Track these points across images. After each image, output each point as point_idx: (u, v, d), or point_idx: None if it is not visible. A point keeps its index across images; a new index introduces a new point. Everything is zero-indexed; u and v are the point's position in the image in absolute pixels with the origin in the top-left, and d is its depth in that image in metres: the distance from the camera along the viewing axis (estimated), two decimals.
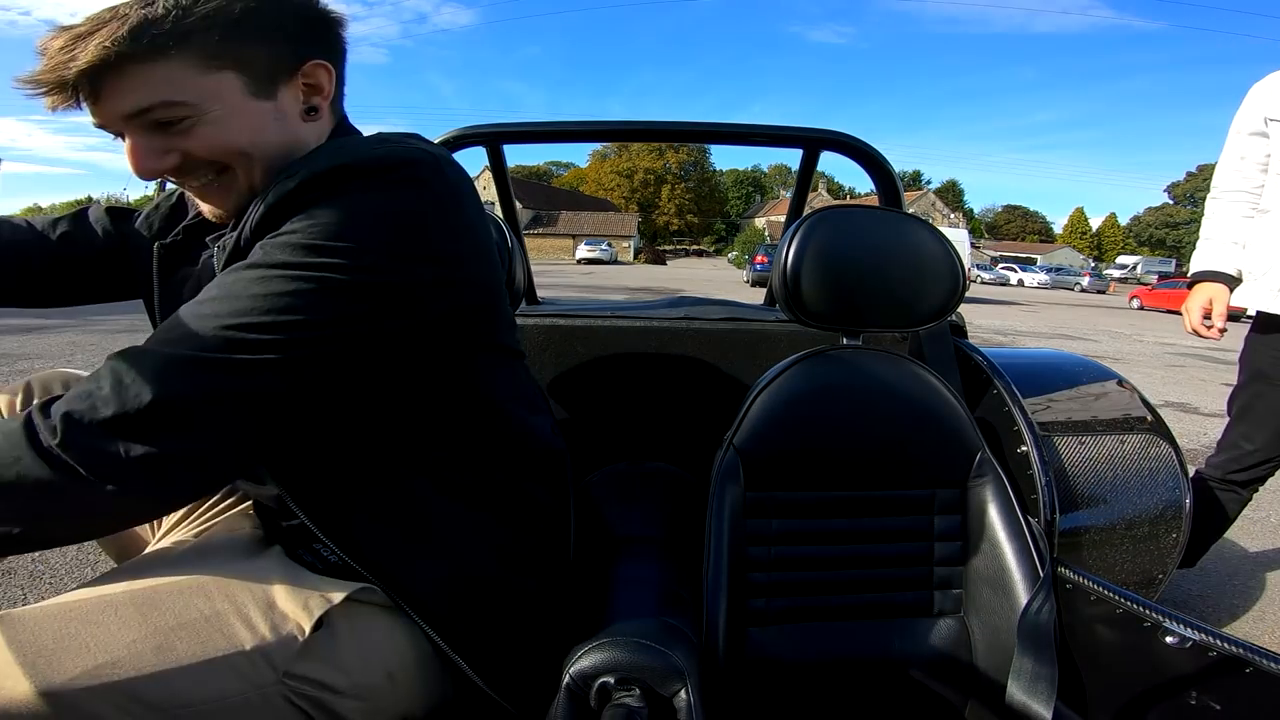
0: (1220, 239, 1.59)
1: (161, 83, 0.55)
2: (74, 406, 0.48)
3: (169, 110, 0.56)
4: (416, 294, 0.56)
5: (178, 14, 0.55)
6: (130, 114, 0.56)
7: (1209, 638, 0.70)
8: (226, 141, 0.59)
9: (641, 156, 55.67)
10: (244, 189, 0.62)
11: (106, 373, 0.50)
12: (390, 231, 0.55)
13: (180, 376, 0.49)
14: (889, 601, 0.89)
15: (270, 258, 0.53)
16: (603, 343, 1.33)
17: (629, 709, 0.56)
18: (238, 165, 0.60)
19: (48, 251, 0.78)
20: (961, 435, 0.91)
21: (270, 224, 0.55)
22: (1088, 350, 7.74)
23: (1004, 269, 34.29)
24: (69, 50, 0.53)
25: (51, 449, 0.47)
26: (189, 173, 0.60)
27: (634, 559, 0.89)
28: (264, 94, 0.60)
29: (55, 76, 0.53)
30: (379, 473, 0.62)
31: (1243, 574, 2.09)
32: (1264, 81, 1.53)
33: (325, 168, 0.54)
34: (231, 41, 0.57)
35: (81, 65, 0.53)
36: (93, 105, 0.56)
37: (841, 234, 0.93)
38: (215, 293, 0.53)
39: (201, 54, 0.56)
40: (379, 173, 0.55)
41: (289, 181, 0.54)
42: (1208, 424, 4.15)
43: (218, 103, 0.58)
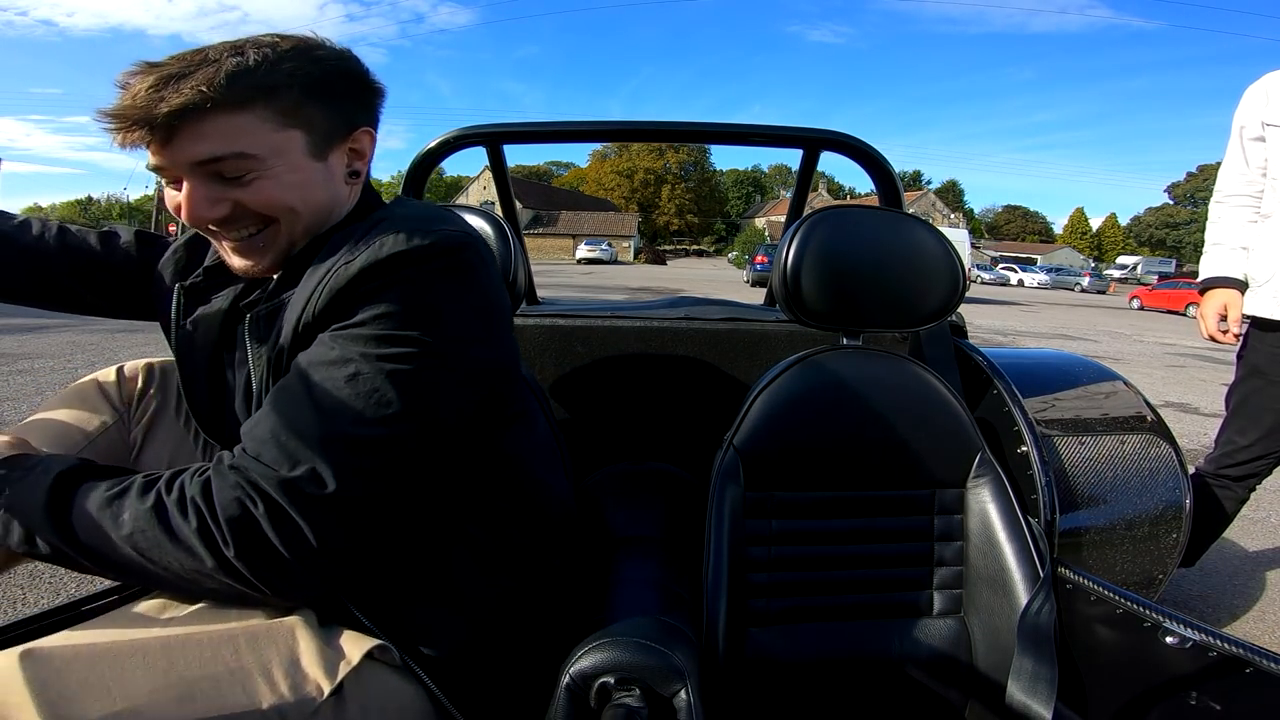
0: (1228, 244, 1.59)
1: (239, 134, 0.57)
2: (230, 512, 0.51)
3: (238, 162, 0.58)
4: (476, 372, 0.61)
5: (266, 67, 0.57)
6: (201, 161, 0.57)
7: (1209, 638, 0.70)
8: (281, 198, 0.61)
9: (641, 156, 55.67)
10: (282, 246, 0.64)
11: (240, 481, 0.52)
12: (451, 318, 0.58)
13: (303, 492, 0.52)
14: (889, 601, 0.89)
15: (349, 350, 0.55)
16: (603, 343, 1.33)
17: (629, 709, 0.56)
18: (284, 221, 0.62)
19: (71, 259, 0.79)
20: (961, 435, 0.91)
21: (336, 311, 0.56)
22: (1088, 350, 7.74)
23: (1004, 269, 34.26)
24: (158, 90, 0.54)
25: (224, 560, 0.51)
26: (233, 224, 0.61)
27: (634, 559, 0.89)
28: (319, 155, 0.63)
29: (142, 114, 0.54)
30: (411, 539, 0.63)
31: (1243, 574, 2.09)
32: (1258, 84, 1.54)
33: (386, 256, 0.56)
34: (305, 101, 0.60)
35: (173, 106, 0.54)
36: (161, 147, 0.57)
37: (841, 234, 0.93)
38: (306, 394, 0.54)
39: (279, 110, 0.59)
40: (433, 259, 0.58)
41: (349, 267, 0.56)
42: (1208, 424, 4.14)
43: (281, 159, 0.60)
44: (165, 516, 0.51)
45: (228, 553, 0.50)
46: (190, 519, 0.51)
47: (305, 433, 0.53)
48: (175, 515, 0.51)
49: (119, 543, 0.52)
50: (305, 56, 0.61)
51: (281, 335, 0.60)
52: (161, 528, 0.51)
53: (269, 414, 0.55)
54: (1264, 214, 1.54)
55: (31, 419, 0.76)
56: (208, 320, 0.71)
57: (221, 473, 0.53)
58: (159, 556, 0.51)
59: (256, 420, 0.55)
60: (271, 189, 0.60)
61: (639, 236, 44.09)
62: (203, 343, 0.70)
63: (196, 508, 0.51)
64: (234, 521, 0.51)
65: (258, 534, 0.51)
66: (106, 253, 0.80)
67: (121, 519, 0.52)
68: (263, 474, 0.52)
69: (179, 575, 0.52)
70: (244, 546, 0.51)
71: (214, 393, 0.71)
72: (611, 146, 55.29)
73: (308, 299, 0.58)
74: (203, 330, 0.71)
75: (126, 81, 0.56)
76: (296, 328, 0.58)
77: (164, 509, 0.51)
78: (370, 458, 0.54)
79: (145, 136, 0.56)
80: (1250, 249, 1.56)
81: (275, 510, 0.51)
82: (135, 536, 0.51)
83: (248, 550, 0.51)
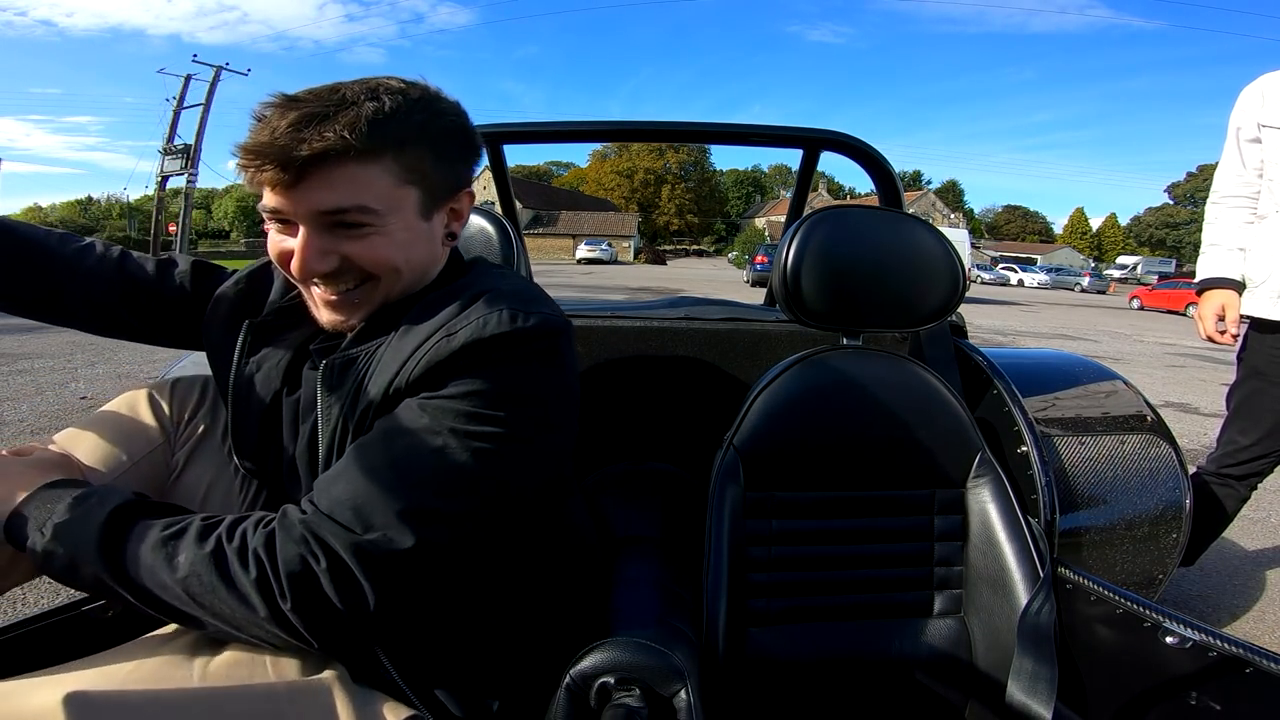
0: (1225, 245, 1.60)
1: (366, 186, 0.57)
2: (291, 567, 0.51)
3: (360, 215, 0.57)
4: (553, 455, 0.62)
5: (400, 117, 0.57)
6: (326, 210, 0.57)
7: (1209, 638, 0.70)
8: (389, 255, 0.60)
9: (641, 156, 55.66)
10: (376, 304, 0.63)
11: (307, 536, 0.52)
12: (541, 402, 0.59)
13: (372, 556, 0.52)
14: (889, 601, 0.89)
15: (439, 423, 0.55)
16: (603, 343, 1.33)
17: (629, 709, 0.56)
18: (385, 280, 0.62)
19: (126, 288, 0.77)
20: (961, 435, 0.91)
21: (431, 381, 0.56)
22: (1088, 350, 7.74)
23: (1004, 269, 34.24)
24: (299, 130, 0.53)
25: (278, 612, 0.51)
26: (336, 278, 0.61)
27: (634, 559, 0.89)
28: (427, 215, 0.63)
29: (280, 154, 0.54)
30: (454, 609, 0.63)
31: (1243, 574, 2.09)
32: (1254, 86, 1.54)
33: (489, 335, 0.56)
34: (428, 159, 0.60)
35: (314, 150, 0.53)
36: (288, 190, 0.56)
37: (841, 234, 0.93)
38: (389, 460, 0.54)
39: (403, 165, 0.59)
40: (532, 342, 0.58)
41: (450, 341, 0.56)
42: (1208, 424, 4.14)
43: (396, 217, 0.60)
44: (224, 564, 0.51)
45: (283, 605, 0.50)
46: (250, 569, 0.51)
47: (383, 498, 0.53)
48: (235, 564, 0.51)
49: (171, 584, 0.51)
50: (432, 109, 0.61)
51: (364, 393, 0.59)
52: (219, 574, 0.51)
53: (348, 474, 0.54)
54: (1260, 215, 1.55)
55: (82, 427, 0.74)
56: (273, 361, 0.70)
57: (288, 527, 0.53)
58: (211, 602, 0.51)
59: (333, 478, 0.55)
60: (383, 246, 0.60)
61: (639, 236, 44.09)
62: (264, 383, 0.70)
63: (258, 559, 0.51)
64: (294, 576, 0.51)
65: (317, 591, 0.51)
66: (162, 283, 0.79)
67: (177, 561, 0.52)
68: (335, 533, 0.52)
69: (226, 620, 0.52)
70: (301, 601, 0.51)
71: (266, 433, 0.70)
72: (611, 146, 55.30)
73: (402, 364, 0.57)
74: (266, 370, 0.70)
75: (264, 114, 0.56)
76: (387, 390, 0.57)
77: (224, 556, 0.51)
78: (444, 529, 0.54)
79: (276, 177, 0.55)
80: (1247, 249, 1.56)
81: (340, 570, 0.51)
82: (190, 580, 0.51)
83: (304, 605, 0.51)
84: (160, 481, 0.75)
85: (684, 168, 57.22)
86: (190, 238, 23.80)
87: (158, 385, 0.79)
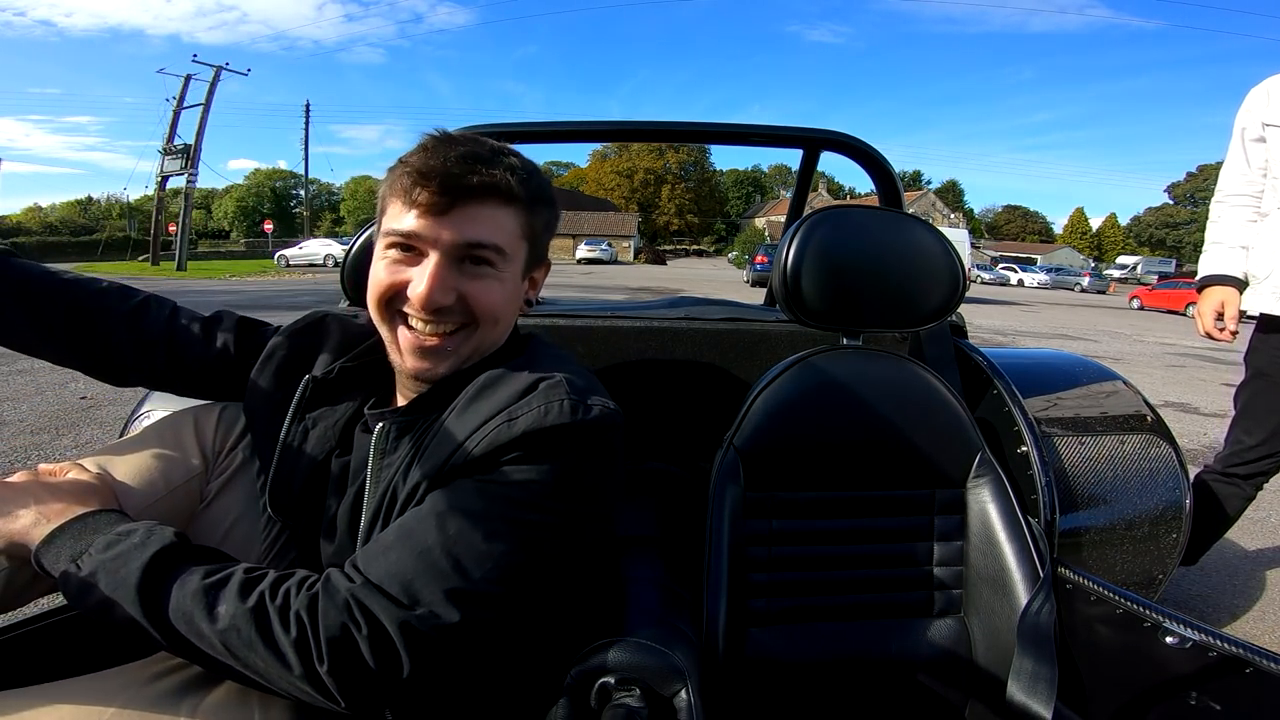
0: (1228, 243, 1.61)
1: (502, 229, 0.62)
2: (332, 632, 0.51)
3: (491, 254, 0.62)
4: (597, 542, 0.65)
5: (536, 176, 0.64)
6: (468, 243, 0.60)
7: (1209, 638, 0.70)
8: (499, 302, 0.64)
9: (641, 156, 55.64)
10: (465, 355, 0.65)
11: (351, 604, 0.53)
12: (593, 495, 0.61)
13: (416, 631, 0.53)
14: (889, 601, 0.89)
15: (494, 509, 0.56)
16: (603, 343, 1.33)
17: (629, 709, 0.56)
18: (484, 327, 0.64)
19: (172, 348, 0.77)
20: (961, 435, 0.91)
21: (488, 463, 0.57)
22: (1088, 350, 7.74)
23: (1004, 269, 34.22)
24: (469, 163, 0.59)
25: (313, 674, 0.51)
26: (443, 317, 0.63)
27: (634, 559, 0.89)
28: (525, 274, 0.68)
29: (453, 180, 0.59)
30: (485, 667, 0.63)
31: (1243, 574, 2.09)
32: (1261, 86, 1.55)
33: (550, 425, 0.57)
34: (539, 223, 0.66)
35: (484, 180, 0.59)
36: (436, 216, 0.60)
37: (841, 234, 0.93)
38: (442, 539, 0.55)
39: (526, 222, 0.64)
40: (591, 437, 0.60)
41: (511, 426, 0.57)
42: (1208, 424, 4.15)
43: (512, 266, 0.64)
44: (266, 621, 0.52)
45: (319, 668, 0.51)
46: (290, 629, 0.51)
47: (433, 576, 0.54)
48: (276, 622, 0.52)
49: (209, 633, 0.52)
50: (545, 182, 0.66)
51: (418, 463, 0.60)
52: (258, 631, 0.51)
53: (400, 548, 0.55)
54: (1263, 212, 1.56)
55: (123, 447, 0.74)
56: (330, 421, 0.71)
57: (332, 592, 0.53)
58: (246, 655, 0.52)
59: (383, 549, 0.56)
60: (497, 291, 0.63)
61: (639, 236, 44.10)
62: (318, 440, 0.71)
63: (299, 620, 0.52)
64: (334, 641, 0.51)
65: (355, 657, 0.52)
66: (208, 343, 0.78)
67: (217, 611, 0.52)
68: (382, 605, 0.52)
69: (257, 673, 0.52)
70: (338, 666, 0.51)
71: (310, 490, 0.70)
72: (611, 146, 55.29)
73: (461, 443, 0.58)
74: (322, 428, 0.71)
75: (430, 144, 0.61)
76: (442, 466, 0.58)
77: (265, 614, 0.52)
78: (489, 611, 0.55)
79: (432, 201, 0.59)
80: (1250, 247, 1.57)
81: (381, 640, 0.52)
82: (229, 633, 0.51)
83: (341, 670, 0.51)
84: (191, 508, 0.75)
85: (684, 168, 57.22)
86: (190, 237, 23.80)
87: (203, 410, 0.79)
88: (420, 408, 0.65)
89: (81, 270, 2.67)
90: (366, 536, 0.61)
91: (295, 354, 0.76)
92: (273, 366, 0.75)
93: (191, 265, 21.67)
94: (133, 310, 0.76)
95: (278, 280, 16.73)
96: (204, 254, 33.50)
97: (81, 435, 3.12)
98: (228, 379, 0.78)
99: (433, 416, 0.63)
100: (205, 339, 0.78)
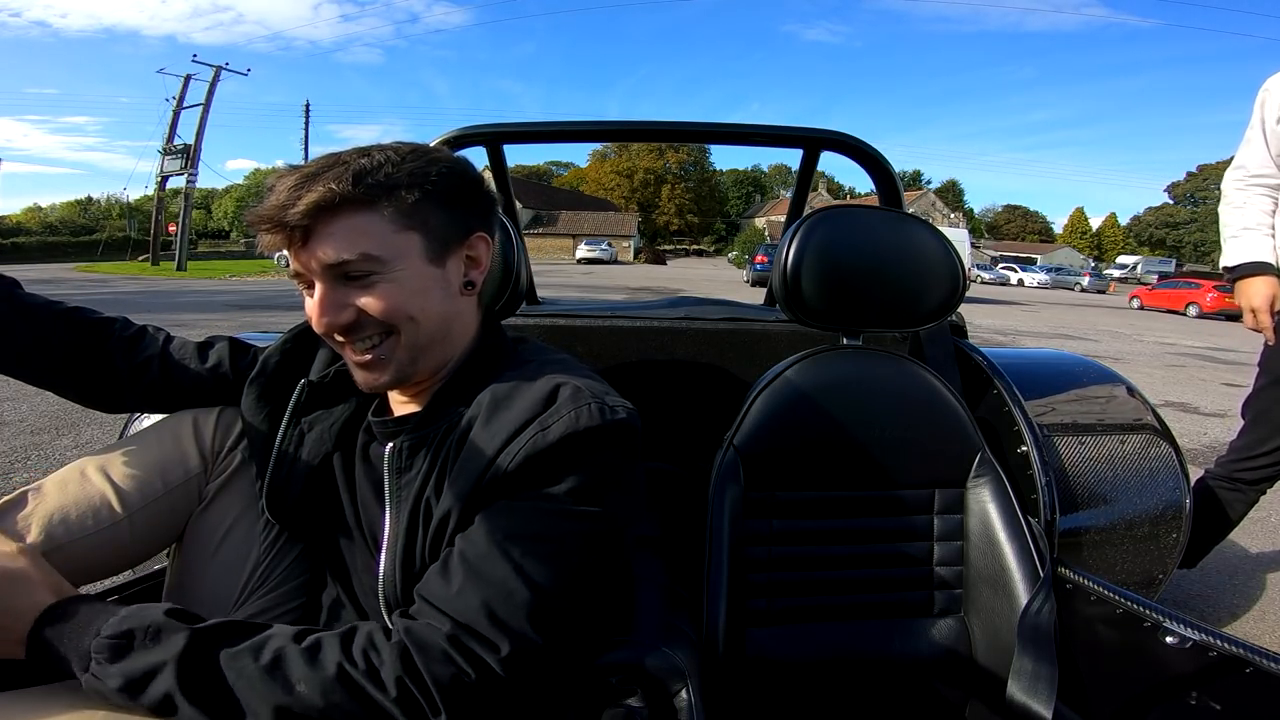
0: (1260, 228, 1.53)
1: (364, 234, 0.60)
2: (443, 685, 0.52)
3: (365, 264, 0.60)
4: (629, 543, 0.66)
5: (389, 168, 0.60)
6: (333, 264, 0.59)
7: (1209, 638, 0.70)
8: (401, 303, 0.62)
9: (641, 156, 55.61)
10: (403, 360, 0.64)
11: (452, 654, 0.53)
12: (629, 491, 0.62)
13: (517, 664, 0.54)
14: (889, 601, 0.89)
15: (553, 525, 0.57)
16: (603, 343, 1.33)
17: (629, 709, 0.56)
18: (404, 330, 0.63)
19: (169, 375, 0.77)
20: (961, 435, 0.91)
21: (529, 476, 0.57)
22: (1088, 350, 7.74)
23: (1004, 269, 34.19)
24: (297, 190, 0.57)
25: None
26: (357, 331, 0.62)
27: (634, 559, 0.89)
28: (437, 261, 0.64)
29: (281, 214, 0.58)
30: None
31: (1243, 574, 2.09)
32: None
33: (584, 429, 0.58)
34: (423, 203, 0.62)
35: (306, 204, 0.57)
36: (300, 250, 0.60)
37: (841, 234, 0.93)
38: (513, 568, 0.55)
39: (399, 211, 0.61)
40: (619, 435, 0.60)
41: (545, 435, 0.57)
42: (1208, 424, 4.15)
43: (403, 263, 0.61)
44: (359, 689, 0.51)
45: (437, 719, 0.52)
46: (390, 690, 0.51)
47: (516, 606, 0.54)
48: (371, 689, 0.51)
49: (301, 713, 0.51)
50: (425, 158, 0.63)
51: (448, 482, 0.60)
52: (358, 701, 0.51)
53: (475, 585, 0.55)
54: None
55: (120, 448, 0.74)
56: (326, 423, 0.71)
57: (425, 647, 0.53)
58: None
59: (457, 589, 0.56)
60: (392, 293, 0.61)
61: (639, 236, 44.08)
62: (315, 443, 0.71)
63: (401, 683, 0.52)
64: (448, 691, 0.52)
65: (473, 701, 0.53)
66: (201, 363, 0.79)
67: (298, 692, 0.51)
68: (481, 647, 0.53)
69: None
70: (457, 712, 0.52)
71: (310, 492, 0.71)
72: (611, 146, 55.28)
73: (494, 457, 0.58)
74: (319, 431, 0.71)
75: (273, 184, 0.60)
76: (479, 481, 0.58)
77: (352, 681, 0.52)
78: (569, 622, 0.57)
79: (284, 239, 0.59)
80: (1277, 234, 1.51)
81: (490, 680, 0.53)
82: (328, 712, 0.51)
83: (460, 715, 0.52)
84: (189, 509, 0.75)
85: (684, 168, 57.19)
86: (190, 238, 23.79)
87: (202, 411, 0.79)
88: (429, 420, 0.65)
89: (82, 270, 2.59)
90: (405, 557, 0.61)
91: (289, 361, 0.76)
92: (267, 374, 0.76)
93: (191, 265, 21.66)
94: (130, 336, 0.78)
95: (278, 280, 16.71)
96: (204, 254, 33.51)
97: (81, 435, 3.12)
98: (222, 397, 0.79)
99: (443, 428, 0.63)
100: (199, 359, 0.79)
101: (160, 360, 0.77)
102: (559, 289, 12.05)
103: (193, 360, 0.79)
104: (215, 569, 0.74)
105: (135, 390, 0.77)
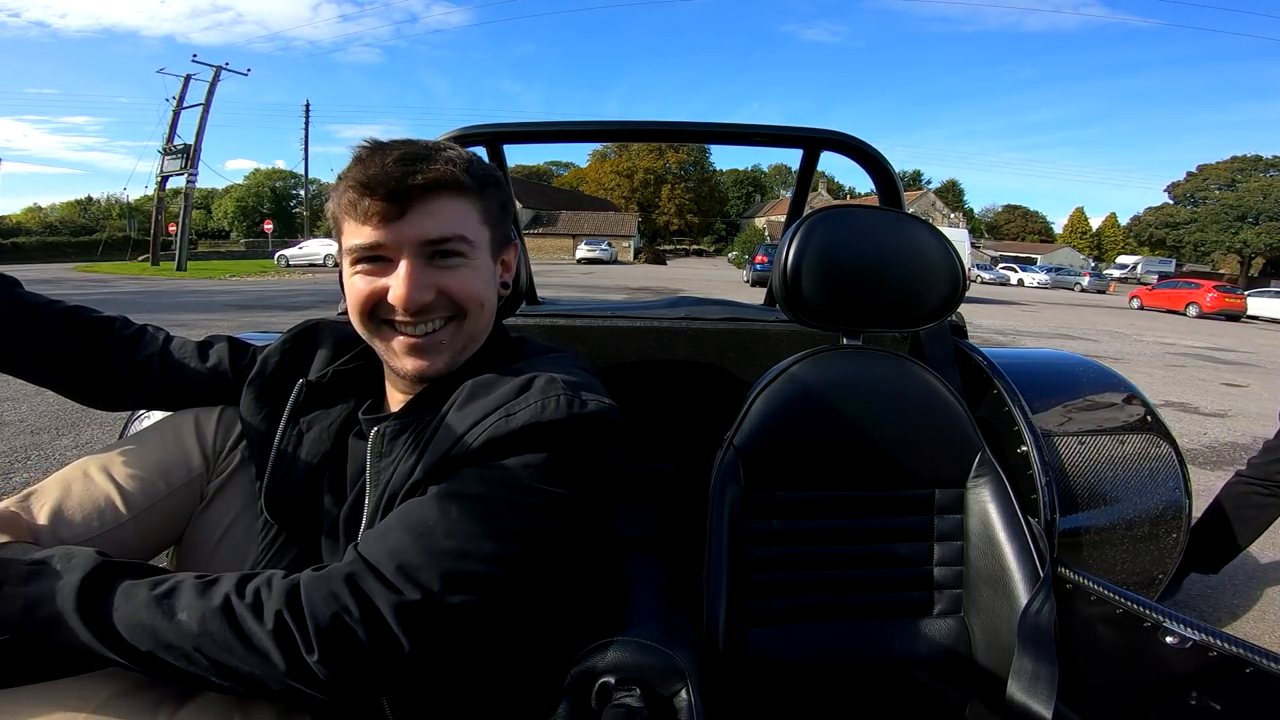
0: None
1: (463, 218, 0.63)
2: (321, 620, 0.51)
3: (457, 244, 0.63)
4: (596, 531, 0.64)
5: (479, 163, 0.65)
6: (429, 240, 0.61)
7: (1209, 638, 0.70)
8: (478, 289, 0.65)
9: (641, 156, 55.58)
10: (457, 348, 0.66)
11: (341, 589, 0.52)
12: (590, 487, 0.61)
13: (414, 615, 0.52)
14: (889, 601, 0.89)
15: (494, 493, 0.56)
16: (603, 343, 1.33)
17: (629, 709, 0.56)
18: (470, 317, 0.65)
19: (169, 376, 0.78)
20: (962, 435, 0.91)
21: (488, 454, 0.57)
22: (1088, 350, 7.74)
23: (1004, 269, 34.15)
24: (406, 165, 0.59)
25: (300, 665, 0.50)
26: (426, 313, 0.63)
27: (634, 558, 0.89)
28: (494, 257, 0.69)
29: (396, 184, 0.59)
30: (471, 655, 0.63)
31: (1243, 574, 2.09)
32: None
33: (548, 420, 0.58)
34: (495, 205, 0.67)
35: (427, 179, 0.59)
36: (390, 222, 0.60)
37: (841, 234, 0.93)
38: (443, 524, 0.55)
39: (483, 206, 0.65)
40: (590, 431, 0.60)
41: (509, 421, 0.57)
42: (1208, 424, 4.15)
43: (480, 252, 0.65)
44: (237, 619, 0.51)
45: (309, 658, 0.50)
46: (267, 623, 0.50)
47: (430, 559, 0.53)
48: (250, 619, 0.51)
49: (176, 641, 0.50)
50: (484, 164, 0.67)
51: (417, 462, 0.60)
52: (232, 630, 0.50)
53: (397, 531, 0.55)
54: None
55: (122, 449, 0.74)
56: (325, 424, 0.72)
57: (320, 581, 0.52)
58: (222, 657, 0.50)
59: (381, 533, 0.56)
60: (471, 278, 0.64)
61: (639, 236, 44.06)
62: (313, 443, 0.71)
63: (277, 612, 0.51)
64: (325, 629, 0.51)
65: (350, 643, 0.51)
66: (200, 362, 0.80)
67: (178, 619, 0.51)
68: (375, 587, 0.52)
69: (236, 677, 0.51)
70: (331, 653, 0.50)
71: (307, 492, 0.71)
72: (611, 146, 55.26)
73: (459, 437, 0.58)
74: (317, 431, 0.72)
75: (365, 154, 0.61)
76: (441, 460, 0.58)
77: (233, 612, 0.51)
78: (485, 594, 0.55)
79: (383, 210, 0.59)
80: None
81: (376, 623, 0.51)
82: (201, 639, 0.50)
83: (335, 658, 0.51)
84: (191, 508, 0.75)
85: (684, 168, 57.15)
86: (190, 237, 23.79)
87: (203, 411, 0.79)
88: (414, 409, 0.65)
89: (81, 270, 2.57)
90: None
91: (288, 361, 0.77)
92: (266, 374, 0.76)
93: (191, 265, 21.64)
94: (130, 335, 0.78)
95: (278, 280, 16.72)
96: (204, 254, 33.48)
97: (81, 435, 3.12)
98: (221, 396, 0.79)
99: (427, 417, 0.63)
100: (199, 358, 0.80)
101: (160, 359, 0.78)
102: (559, 289, 12.05)
103: (192, 359, 0.79)
104: (214, 568, 0.74)
105: (135, 389, 0.77)
